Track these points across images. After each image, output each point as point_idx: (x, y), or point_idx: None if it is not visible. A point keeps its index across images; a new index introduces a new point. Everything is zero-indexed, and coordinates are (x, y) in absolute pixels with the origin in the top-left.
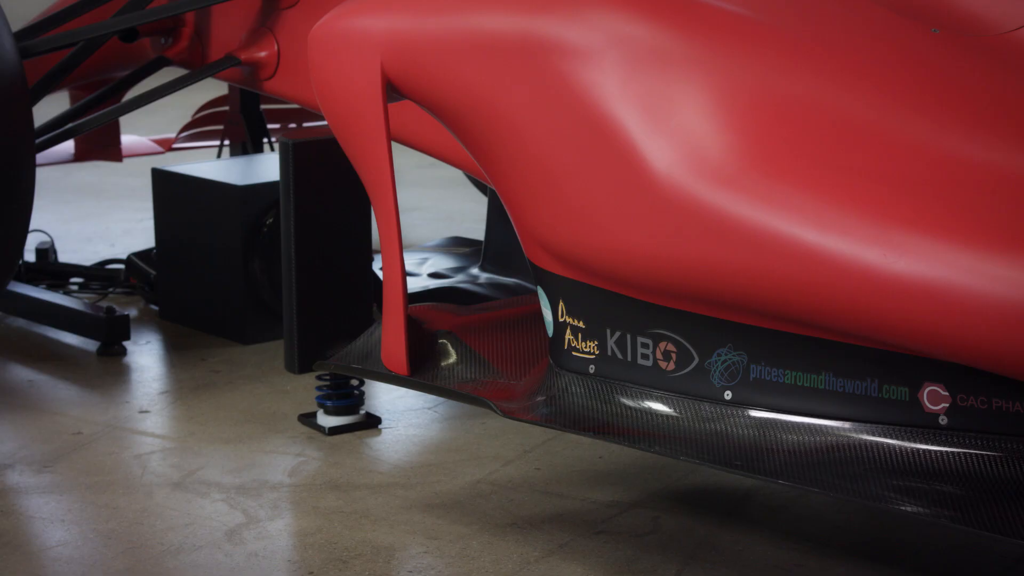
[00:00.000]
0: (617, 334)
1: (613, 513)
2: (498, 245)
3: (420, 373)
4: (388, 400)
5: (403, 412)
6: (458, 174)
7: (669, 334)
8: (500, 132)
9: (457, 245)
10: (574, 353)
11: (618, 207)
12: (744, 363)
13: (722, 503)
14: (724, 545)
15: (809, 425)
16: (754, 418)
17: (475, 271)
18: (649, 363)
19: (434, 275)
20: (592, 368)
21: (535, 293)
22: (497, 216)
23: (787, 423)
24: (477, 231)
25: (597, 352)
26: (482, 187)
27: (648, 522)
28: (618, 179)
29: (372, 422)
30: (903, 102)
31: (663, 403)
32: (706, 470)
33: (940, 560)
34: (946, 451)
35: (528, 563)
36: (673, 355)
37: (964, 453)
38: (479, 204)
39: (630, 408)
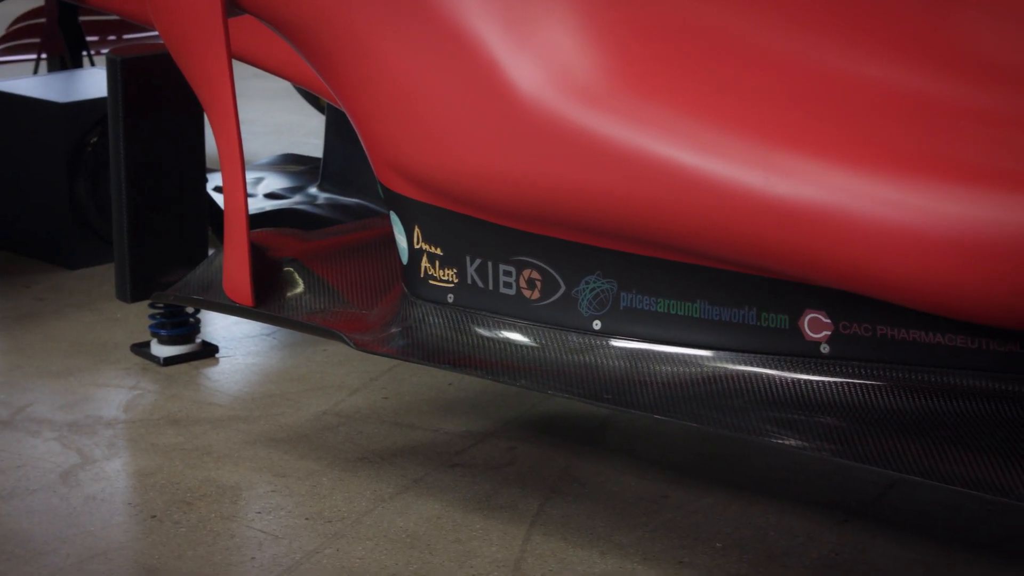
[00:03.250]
0: (477, 261)
1: (467, 444)
2: (337, 164)
3: (266, 304)
4: (224, 327)
5: (241, 339)
6: (284, 85)
7: (533, 261)
8: (351, 48)
9: (292, 163)
10: (431, 282)
11: (480, 128)
12: (614, 291)
13: (580, 431)
14: (586, 476)
15: (684, 356)
16: (625, 349)
17: (313, 191)
18: (512, 292)
19: (270, 196)
20: (451, 297)
21: (385, 216)
22: (336, 133)
23: (660, 354)
24: (310, 147)
25: (456, 280)
26: (313, 99)
27: (504, 453)
28: (479, 99)
29: (209, 351)
30: (785, 16)
31: (527, 334)
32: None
33: (811, 488)
34: (828, 381)
35: (382, 500)
36: (538, 283)
37: (847, 383)
38: (308, 116)
39: (492, 339)
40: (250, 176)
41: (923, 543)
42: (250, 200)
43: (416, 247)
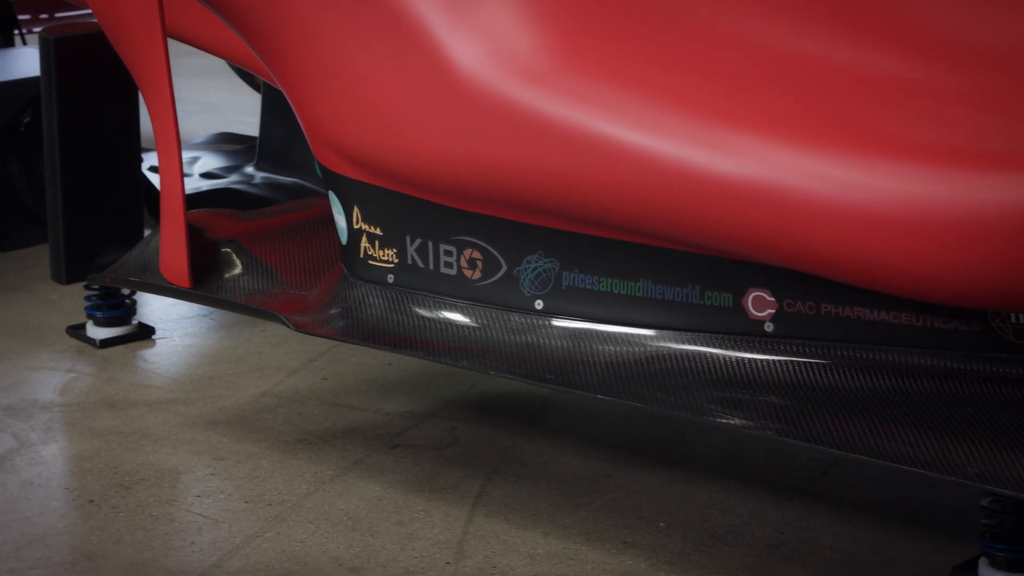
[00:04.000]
0: (418, 241)
1: (408, 425)
2: (274, 142)
3: (203, 285)
4: (161, 308)
5: (178, 321)
6: (217, 62)
7: (475, 241)
8: (289, 27)
9: (227, 142)
10: (371, 262)
11: (420, 107)
12: (556, 270)
13: (521, 411)
14: (528, 456)
15: (627, 335)
16: (568, 328)
17: (250, 170)
18: (453, 271)
19: (206, 176)
20: (391, 278)
21: (323, 196)
22: (272, 112)
23: (603, 333)
24: (246, 125)
25: (396, 261)
26: (248, 77)
27: (446, 433)
28: (420, 77)
29: (145, 332)
30: None
31: (469, 314)
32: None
33: (754, 467)
34: (772, 359)
35: (323, 482)
36: (479, 263)
37: (791, 361)
38: (242, 94)
39: (433, 320)
40: (185, 156)
41: (867, 520)
42: (186, 180)
43: (355, 227)
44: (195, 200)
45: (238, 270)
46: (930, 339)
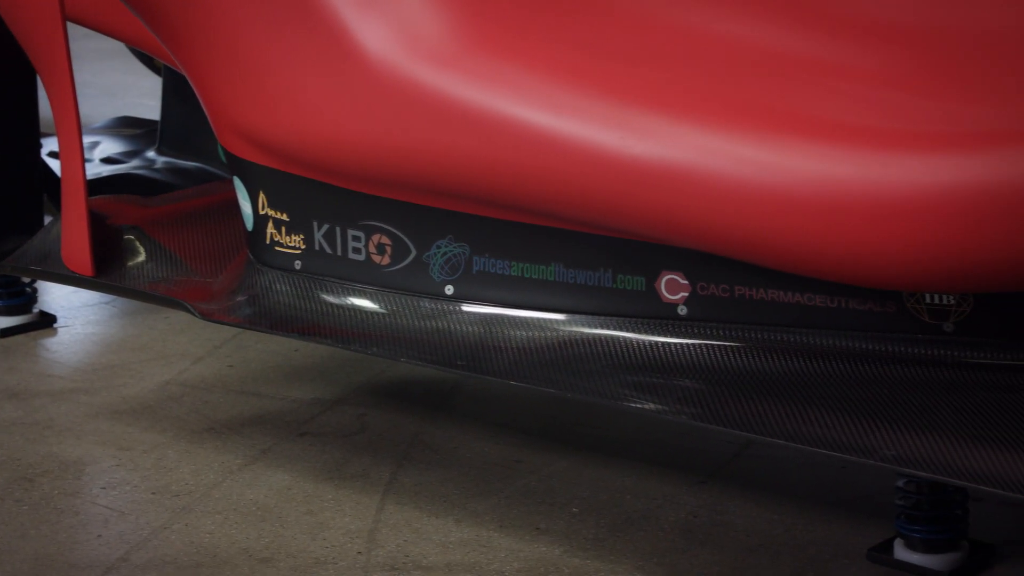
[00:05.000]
0: (325, 227)
1: (316, 412)
2: (175, 126)
3: (106, 273)
4: (62, 296)
5: (79, 309)
6: (116, 45)
7: (383, 226)
8: (190, 8)
9: (127, 126)
10: (278, 248)
11: (326, 91)
12: (466, 255)
13: (430, 396)
14: (438, 443)
15: (539, 320)
16: (479, 314)
17: (151, 155)
18: (362, 257)
19: (107, 161)
20: (298, 264)
21: (227, 181)
22: (173, 95)
23: (515, 318)
24: (146, 109)
25: (303, 247)
26: (147, 60)
27: (354, 420)
28: (325, 60)
29: (47, 321)
30: None
31: (378, 300)
32: None
33: (666, 450)
34: (686, 343)
35: (231, 472)
36: (388, 248)
37: (705, 344)
38: (142, 77)
39: (342, 306)
40: (85, 140)
41: (781, 502)
42: (87, 166)
43: (261, 213)
44: (96, 186)
45: (142, 257)
46: (845, 321)
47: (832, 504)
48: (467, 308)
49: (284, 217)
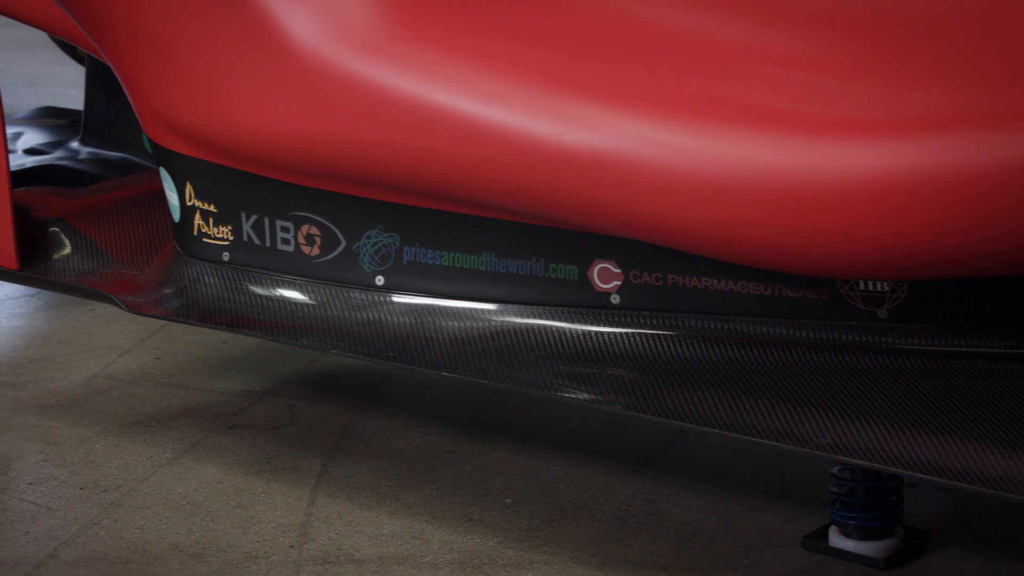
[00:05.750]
0: (253, 218)
1: (245, 404)
2: (100, 116)
3: (31, 266)
4: None
5: (3, 302)
6: (38, 34)
7: (312, 216)
8: None
9: (50, 116)
10: (205, 240)
11: (252, 80)
12: (397, 245)
13: (360, 387)
14: (368, 434)
15: (471, 310)
16: (410, 304)
17: (75, 145)
18: (291, 248)
19: (30, 151)
20: (226, 255)
21: (153, 171)
22: (97, 85)
23: (447, 309)
24: (69, 99)
25: (231, 238)
26: (70, 49)
27: (284, 412)
28: (251, 49)
29: None
30: None
31: (308, 291)
32: None
33: (598, 439)
34: (619, 332)
35: (159, 466)
36: (317, 239)
37: (638, 333)
38: (64, 66)
39: (271, 298)
40: (8, 131)
41: (715, 491)
42: (10, 157)
43: (188, 204)
44: (19, 177)
45: (67, 250)
46: (779, 309)
47: (766, 492)
48: (398, 299)
49: (212, 208)
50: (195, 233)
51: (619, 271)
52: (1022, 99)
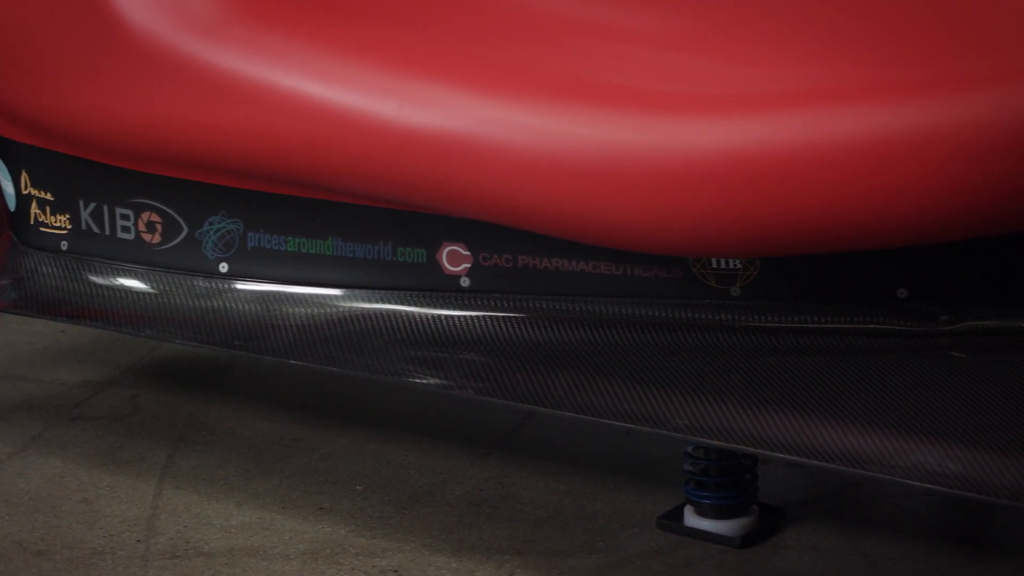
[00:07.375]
0: (92, 206)
1: (86, 396)
2: None
3: None
4: None
5: None
6: None
7: (152, 203)
8: None
9: None
10: (43, 229)
11: (85, 65)
12: (240, 231)
13: (204, 374)
14: (213, 423)
15: (318, 296)
16: (255, 291)
17: None
18: (131, 236)
19: None
20: (65, 244)
21: None
22: None
23: (293, 295)
24: None
25: (70, 227)
26: None
27: (126, 403)
28: (86, 32)
29: None
30: None
31: (149, 280)
32: None
33: (448, 422)
34: (469, 315)
35: (0, 462)
36: (158, 226)
37: (489, 316)
38: None
39: (112, 288)
40: None
41: (567, 473)
42: None
43: (24, 193)
44: None
45: None
46: (631, 288)
47: (619, 472)
48: (243, 286)
49: (48, 196)
50: (32, 222)
51: (468, 254)
52: (874, 74)
